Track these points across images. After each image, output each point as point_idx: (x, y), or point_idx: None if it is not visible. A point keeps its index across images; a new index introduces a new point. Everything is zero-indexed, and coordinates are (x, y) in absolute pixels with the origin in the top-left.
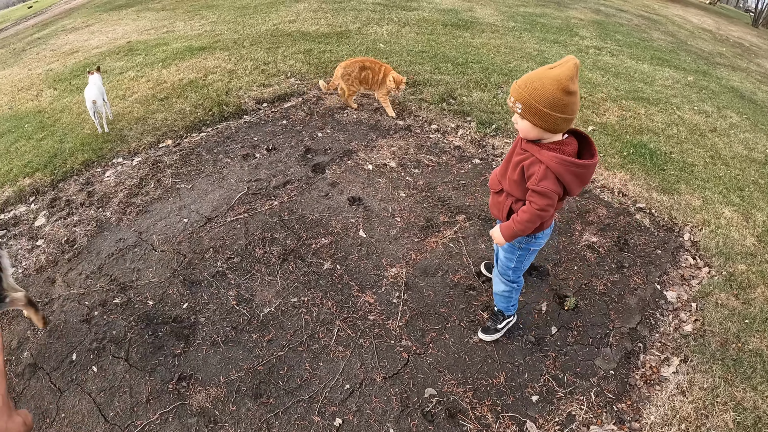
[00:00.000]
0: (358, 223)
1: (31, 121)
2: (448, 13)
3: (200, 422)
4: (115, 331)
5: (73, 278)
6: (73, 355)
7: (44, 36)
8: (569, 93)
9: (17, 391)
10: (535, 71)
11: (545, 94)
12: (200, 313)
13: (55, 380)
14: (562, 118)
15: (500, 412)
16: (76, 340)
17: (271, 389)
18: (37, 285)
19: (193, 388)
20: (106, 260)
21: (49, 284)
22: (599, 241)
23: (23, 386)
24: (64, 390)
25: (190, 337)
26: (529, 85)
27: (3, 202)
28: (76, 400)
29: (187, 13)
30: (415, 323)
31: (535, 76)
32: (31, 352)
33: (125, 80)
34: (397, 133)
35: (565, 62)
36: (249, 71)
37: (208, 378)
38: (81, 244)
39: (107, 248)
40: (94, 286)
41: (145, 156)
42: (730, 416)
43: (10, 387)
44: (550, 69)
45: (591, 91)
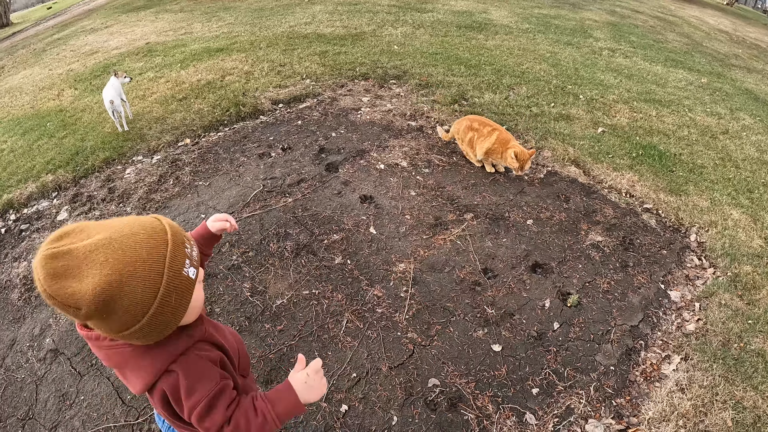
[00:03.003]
0: (369, 220)
1: (53, 120)
2: (462, 15)
3: None
4: None
5: None
6: None
7: (64, 37)
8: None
9: (38, 375)
10: None
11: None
12: (216, 304)
13: (75, 365)
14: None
15: (501, 403)
16: None
17: (281, 376)
18: None
19: None
20: None
21: None
22: (604, 240)
23: (45, 370)
24: (84, 374)
25: None
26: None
27: (26, 197)
28: (95, 384)
29: (204, 15)
30: (421, 316)
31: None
32: (53, 338)
33: (144, 81)
34: (409, 133)
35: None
36: (265, 72)
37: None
38: None
39: None
40: None
41: (165, 154)
42: (729, 414)
43: (32, 371)
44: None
45: (603, 93)
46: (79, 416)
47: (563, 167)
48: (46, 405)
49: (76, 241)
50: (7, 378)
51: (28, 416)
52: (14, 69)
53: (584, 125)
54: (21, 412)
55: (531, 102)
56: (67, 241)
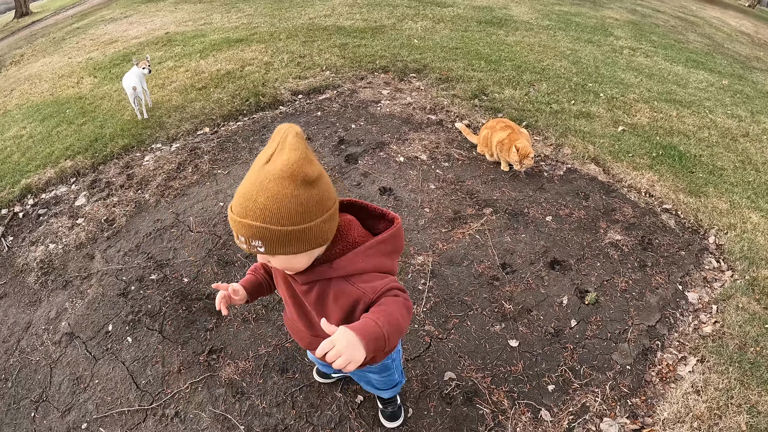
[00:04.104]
0: None
1: (72, 107)
2: (482, 11)
3: (228, 393)
4: (151, 305)
5: (111, 255)
6: (109, 326)
7: (83, 26)
8: (313, 183)
9: (53, 358)
10: (249, 178)
11: (286, 207)
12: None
13: (90, 349)
14: (327, 218)
15: (516, 398)
16: (112, 312)
17: (297, 365)
18: (76, 260)
19: (223, 361)
20: (144, 239)
21: (89, 260)
22: (623, 239)
23: (60, 353)
24: (99, 358)
25: (221, 314)
26: (254, 206)
27: (45, 183)
28: (109, 368)
29: (224, 6)
30: (439, 309)
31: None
32: (68, 322)
33: (164, 70)
34: (429, 127)
35: (281, 142)
36: (285, 63)
37: (238, 352)
38: (120, 223)
39: (145, 228)
40: (132, 263)
41: (183, 142)
42: (744, 418)
43: (47, 354)
44: (267, 163)
45: (623, 92)
46: (92, 399)
47: (583, 165)
48: (60, 388)
49: None
50: (22, 360)
51: (42, 398)
52: (33, 57)
53: (604, 123)
54: (34, 394)
55: (551, 99)
56: None
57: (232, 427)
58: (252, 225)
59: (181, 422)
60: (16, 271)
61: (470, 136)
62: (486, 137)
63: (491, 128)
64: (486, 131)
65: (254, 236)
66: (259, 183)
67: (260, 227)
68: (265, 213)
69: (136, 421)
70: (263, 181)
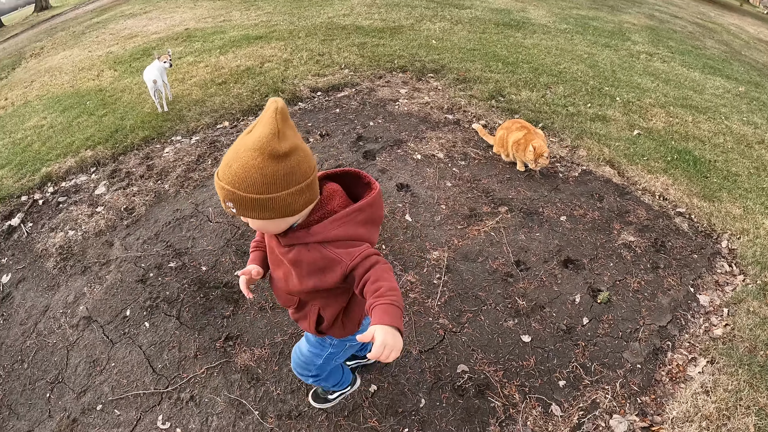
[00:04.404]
0: (404, 208)
1: (92, 99)
2: (500, 13)
3: (243, 378)
4: (169, 292)
5: (130, 242)
6: (127, 311)
7: (103, 21)
8: (283, 156)
9: (70, 341)
10: (232, 146)
11: (251, 176)
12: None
13: (108, 333)
14: (297, 192)
15: (527, 392)
16: (130, 298)
17: None
18: (95, 247)
19: (239, 348)
20: (163, 228)
21: (108, 247)
22: (636, 241)
23: (77, 336)
24: (116, 342)
25: (239, 302)
26: (228, 171)
27: (65, 171)
28: (126, 352)
29: (243, 4)
30: (453, 303)
31: (231, 154)
32: (86, 306)
33: (184, 65)
34: (446, 126)
35: (262, 117)
36: (304, 61)
37: (254, 339)
38: (139, 212)
39: (164, 217)
40: (151, 251)
41: (203, 135)
42: (752, 420)
43: (64, 336)
44: (247, 134)
45: (639, 96)
46: (108, 382)
47: (598, 167)
48: (76, 370)
49: None
50: (39, 342)
51: (58, 380)
52: (53, 50)
53: (620, 127)
54: (50, 376)
55: (568, 101)
56: None
57: (247, 412)
58: (225, 188)
59: (196, 406)
60: (34, 256)
61: (486, 137)
62: (502, 138)
63: (507, 129)
64: (502, 132)
65: (227, 198)
66: (235, 151)
67: (231, 191)
68: (235, 179)
69: (151, 403)
70: (239, 150)
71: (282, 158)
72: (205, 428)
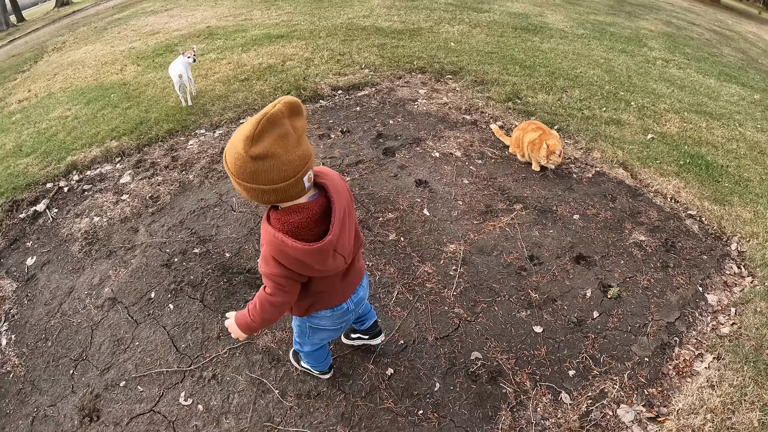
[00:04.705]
0: (423, 203)
1: (116, 92)
2: (518, 17)
3: (265, 359)
4: (193, 276)
5: (155, 229)
6: (152, 293)
7: (124, 17)
8: (254, 158)
9: (95, 320)
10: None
11: (232, 161)
12: None
13: (132, 313)
14: (261, 190)
15: (538, 380)
16: (155, 281)
17: None
18: (120, 233)
19: (261, 331)
20: (188, 216)
21: (133, 233)
22: (647, 240)
23: (101, 317)
24: (140, 322)
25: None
26: (226, 149)
27: (90, 160)
28: (150, 332)
29: (263, 3)
30: (468, 294)
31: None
32: (111, 288)
33: (207, 61)
34: (464, 126)
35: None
36: (325, 60)
37: (276, 323)
38: (164, 200)
39: (189, 206)
40: (176, 237)
41: (227, 129)
42: (756, 415)
43: (89, 317)
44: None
45: (654, 102)
46: (132, 360)
47: (611, 169)
48: (100, 348)
49: None
50: (63, 322)
51: (81, 357)
52: (75, 44)
53: (634, 131)
54: (74, 354)
55: (583, 105)
56: None
57: (267, 390)
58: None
59: (218, 384)
60: (59, 240)
61: (503, 137)
62: (518, 138)
63: (523, 129)
64: (518, 132)
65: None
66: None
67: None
68: (227, 157)
69: (174, 381)
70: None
71: (253, 159)
72: (226, 405)
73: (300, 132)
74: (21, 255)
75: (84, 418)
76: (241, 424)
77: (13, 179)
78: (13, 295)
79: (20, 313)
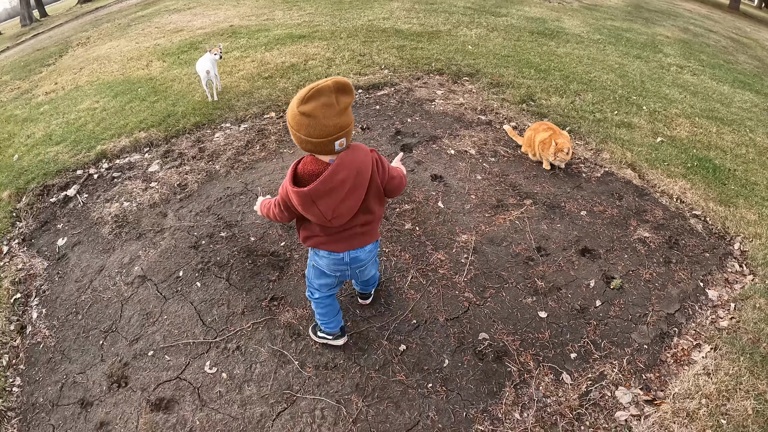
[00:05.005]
0: (437, 196)
1: (143, 86)
2: (535, 22)
3: (286, 333)
4: (220, 257)
5: (183, 214)
6: (180, 272)
7: (148, 14)
8: (301, 114)
9: (125, 296)
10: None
11: (289, 112)
12: (295, 251)
13: (161, 290)
14: (300, 138)
15: (541, 361)
16: (183, 261)
17: (349, 315)
18: (149, 217)
19: (283, 308)
20: (215, 202)
21: (162, 217)
22: (651, 237)
23: (131, 293)
24: (168, 298)
25: (284, 268)
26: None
27: (119, 150)
28: (178, 307)
29: (285, 3)
30: (478, 280)
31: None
32: (141, 266)
33: (231, 59)
34: (479, 126)
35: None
36: (346, 60)
37: (297, 301)
38: (192, 188)
39: (216, 193)
40: (203, 222)
41: (251, 124)
42: (751, 403)
43: (119, 293)
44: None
45: (666, 106)
46: (160, 332)
47: (620, 169)
48: (129, 321)
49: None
50: (93, 297)
51: (111, 329)
52: (100, 40)
53: (644, 134)
54: (104, 326)
55: (595, 108)
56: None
57: (288, 361)
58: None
59: (241, 354)
60: (90, 223)
61: (516, 137)
62: (530, 138)
63: (535, 130)
64: (530, 132)
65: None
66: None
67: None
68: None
69: (200, 351)
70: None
71: (300, 114)
72: (248, 374)
73: (343, 106)
74: (52, 236)
75: (112, 384)
76: (262, 391)
77: (44, 165)
78: (44, 273)
79: (51, 289)
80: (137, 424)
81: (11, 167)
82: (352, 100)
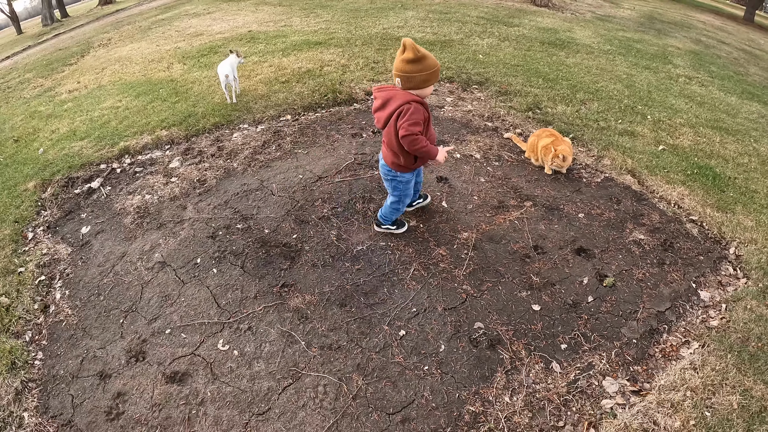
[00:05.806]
0: (442, 196)
1: (164, 87)
2: (547, 32)
3: (295, 317)
4: (235, 247)
5: (202, 207)
6: (198, 259)
7: (168, 18)
8: (417, 60)
9: (145, 280)
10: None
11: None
12: (306, 243)
13: (180, 275)
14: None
15: (533, 350)
16: (201, 249)
17: (354, 302)
18: (170, 209)
19: (293, 294)
20: (232, 197)
21: (181, 209)
22: (646, 239)
23: (151, 277)
24: (186, 282)
25: (295, 259)
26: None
27: (141, 146)
28: (195, 290)
29: (302, 11)
30: (476, 274)
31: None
32: (161, 253)
33: (249, 63)
34: (485, 132)
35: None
36: (360, 67)
37: (306, 288)
38: (210, 183)
39: (233, 189)
40: (221, 214)
41: (268, 125)
42: (736, 399)
43: (140, 276)
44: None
45: (671, 116)
46: (178, 312)
47: (619, 175)
48: (149, 302)
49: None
50: (115, 280)
51: (131, 309)
52: (121, 42)
53: (646, 142)
54: (124, 306)
55: (600, 117)
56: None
57: (295, 342)
58: (399, 81)
59: (252, 334)
60: (113, 213)
61: (520, 143)
62: (533, 143)
63: (538, 136)
64: (533, 138)
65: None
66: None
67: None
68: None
69: (214, 330)
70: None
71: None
72: (258, 352)
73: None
74: (76, 224)
75: (131, 358)
76: (270, 368)
77: (69, 159)
78: (68, 258)
79: (74, 273)
80: (152, 394)
81: (36, 160)
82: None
